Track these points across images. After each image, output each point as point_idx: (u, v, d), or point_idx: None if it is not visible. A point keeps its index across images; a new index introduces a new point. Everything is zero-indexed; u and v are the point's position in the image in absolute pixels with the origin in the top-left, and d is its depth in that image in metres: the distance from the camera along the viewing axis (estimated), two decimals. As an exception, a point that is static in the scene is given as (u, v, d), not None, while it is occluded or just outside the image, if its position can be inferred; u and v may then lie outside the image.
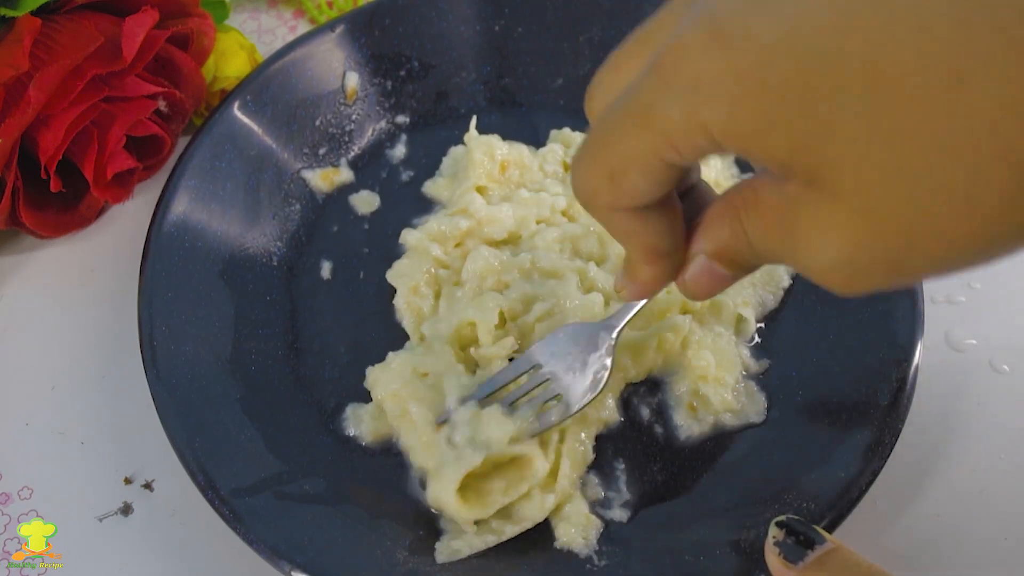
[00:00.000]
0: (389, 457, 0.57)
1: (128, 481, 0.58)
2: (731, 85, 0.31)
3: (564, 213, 0.64)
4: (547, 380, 0.55)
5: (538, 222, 0.63)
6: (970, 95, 0.27)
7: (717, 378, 0.57)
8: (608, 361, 0.54)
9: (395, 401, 0.57)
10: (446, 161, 0.68)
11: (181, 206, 0.61)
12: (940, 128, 0.28)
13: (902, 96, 0.28)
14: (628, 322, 0.54)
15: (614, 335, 0.54)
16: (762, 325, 0.61)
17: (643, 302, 0.53)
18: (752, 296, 0.61)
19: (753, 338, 0.60)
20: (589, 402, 0.54)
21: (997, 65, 0.27)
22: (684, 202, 0.42)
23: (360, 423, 0.58)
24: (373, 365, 0.59)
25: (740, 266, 0.40)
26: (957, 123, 0.28)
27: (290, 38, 0.77)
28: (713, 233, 0.39)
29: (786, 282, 0.61)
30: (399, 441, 0.57)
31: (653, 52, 0.34)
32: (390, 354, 0.59)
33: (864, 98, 0.29)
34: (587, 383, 0.54)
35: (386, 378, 0.57)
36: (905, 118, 0.29)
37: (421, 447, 0.56)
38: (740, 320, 0.61)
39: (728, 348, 0.59)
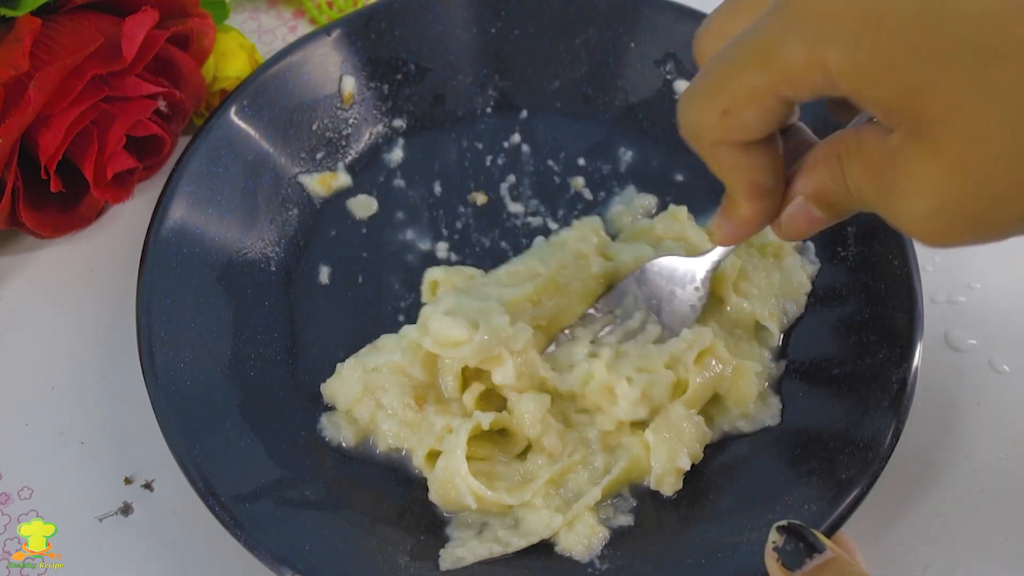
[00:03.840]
0: (389, 461, 0.57)
1: (128, 481, 0.58)
2: (855, 24, 0.33)
3: None
4: (643, 311, 0.58)
5: None
6: None
7: (746, 386, 0.57)
8: (704, 292, 0.56)
9: (362, 406, 0.57)
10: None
11: (178, 212, 0.61)
12: None
13: (1010, 55, 0.30)
14: (724, 259, 0.55)
15: (710, 267, 0.56)
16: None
17: (734, 246, 0.53)
18: (776, 307, 0.61)
19: (777, 346, 0.60)
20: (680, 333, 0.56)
21: None
22: (783, 141, 0.43)
23: (339, 430, 0.58)
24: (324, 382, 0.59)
25: (836, 210, 0.42)
26: None
27: (290, 38, 0.77)
28: (814, 176, 0.41)
29: (807, 287, 0.61)
30: (375, 442, 0.58)
31: None
32: (338, 365, 0.58)
33: (973, 51, 0.31)
34: (684, 313, 0.57)
35: (344, 387, 0.57)
36: (1010, 77, 0.30)
37: (410, 432, 0.56)
38: (762, 330, 0.60)
39: (751, 351, 0.59)
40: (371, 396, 0.57)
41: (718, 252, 0.56)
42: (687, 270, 0.57)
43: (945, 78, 0.32)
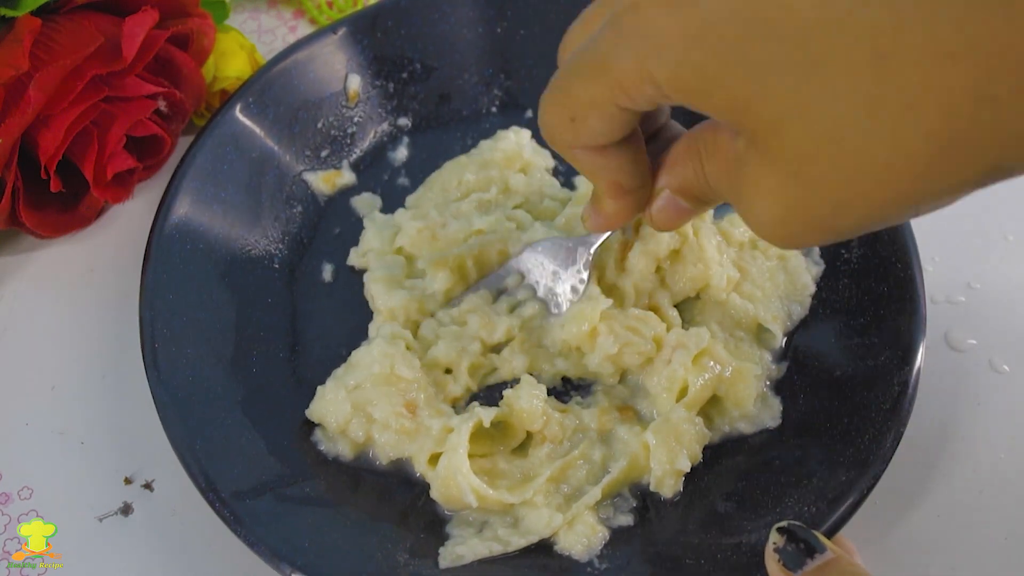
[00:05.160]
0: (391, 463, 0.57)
1: (128, 481, 0.59)
2: (677, 41, 0.34)
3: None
4: (529, 290, 0.60)
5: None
6: (890, 73, 0.29)
7: (745, 388, 0.57)
8: (585, 275, 0.58)
9: (355, 425, 0.56)
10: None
11: (183, 208, 0.61)
12: (861, 102, 0.30)
13: (828, 67, 0.31)
14: (602, 243, 0.57)
15: (591, 251, 0.57)
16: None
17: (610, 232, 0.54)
18: (780, 309, 0.61)
19: (780, 348, 0.60)
20: (564, 313, 0.58)
21: (916, 48, 0.29)
22: (654, 141, 0.45)
23: (334, 443, 0.57)
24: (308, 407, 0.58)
25: (701, 201, 0.43)
26: (877, 99, 0.30)
27: (290, 38, 0.77)
28: (678, 170, 0.43)
29: (811, 289, 0.61)
30: (375, 454, 0.57)
31: (613, 9, 0.37)
32: (319, 388, 0.58)
33: (794, 64, 0.31)
34: (564, 295, 0.59)
35: (329, 409, 0.57)
36: (830, 88, 0.31)
37: (408, 439, 0.56)
38: (764, 332, 0.60)
39: (751, 353, 0.59)
40: (361, 413, 0.57)
41: (598, 236, 0.57)
42: (570, 252, 0.58)
43: (770, 91, 0.32)
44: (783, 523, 0.48)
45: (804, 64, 0.31)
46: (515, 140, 0.67)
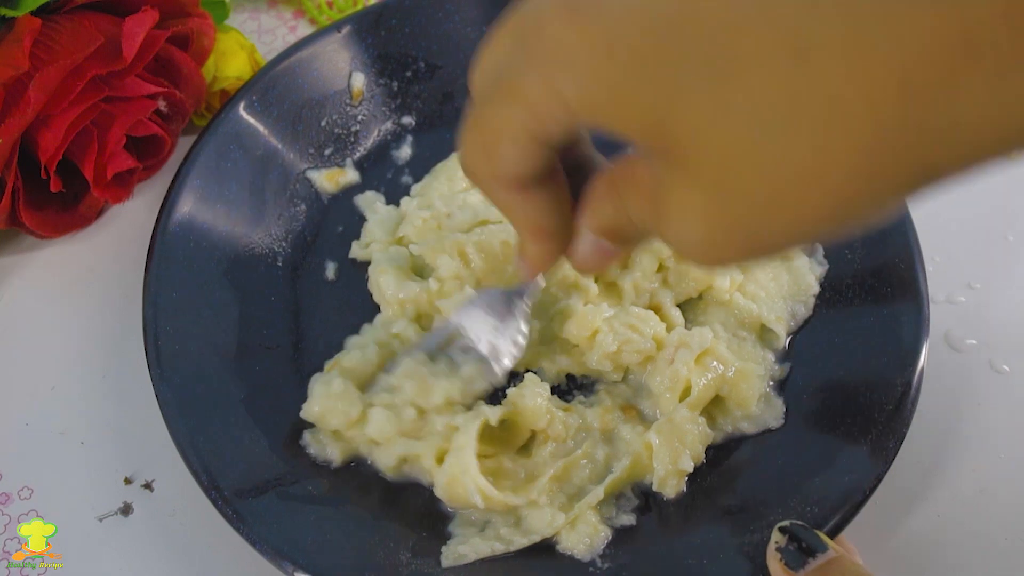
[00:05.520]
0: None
1: (128, 481, 0.58)
2: (583, 55, 0.31)
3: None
4: (469, 348, 0.56)
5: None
6: (811, 69, 0.27)
7: (748, 388, 0.57)
8: (525, 328, 0.55)
9: (356, 427, 0.56)
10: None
11: (186, 206, 0.61)
12: (782, 102, 0.28)
13: (744, 69, 0.28)
14: (539, 289, 0.54)
15: (526, 301, 0.54)
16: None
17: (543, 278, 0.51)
18: (784, 309, 0.60)
19: (783, 348, 0.60)
20: (509, 369, 0.55)
21: (837, 40, 0.27)
22: (576, 175, 0.42)
23: (323, 447, 0.56)
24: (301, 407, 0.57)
25: (625, 240, 0.40)
26: (799, 97, 0.28)
27: (290, 38, 0.77)
28: (597, 210, 0.39)
29: (815, 289, 0.61)
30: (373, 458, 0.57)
31: (520, 30, 0.35)
32: (317, 388, 0.56)
33: (707, 70, 0.29)
34: (507, 349, 0.55)
35: (328, 407, 0.55)
36: (747, 91, 0.29)
37: (410, 441, 0.55)
38: (768, 332, 0.60)
39: (755, 353, 0.59)
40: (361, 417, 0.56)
41: (533, 285, 0.53)
42: (507, 303, 0.55)
43: (684, 102, 0.30)
44: (785, 523, 0.48)
45: (718, 67, 0.29)
46: None
